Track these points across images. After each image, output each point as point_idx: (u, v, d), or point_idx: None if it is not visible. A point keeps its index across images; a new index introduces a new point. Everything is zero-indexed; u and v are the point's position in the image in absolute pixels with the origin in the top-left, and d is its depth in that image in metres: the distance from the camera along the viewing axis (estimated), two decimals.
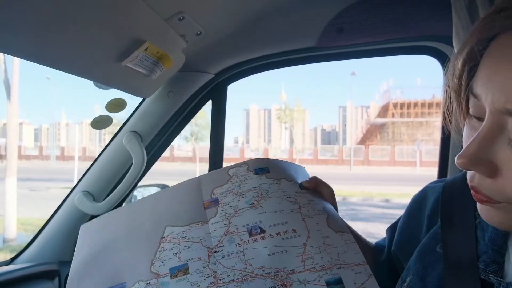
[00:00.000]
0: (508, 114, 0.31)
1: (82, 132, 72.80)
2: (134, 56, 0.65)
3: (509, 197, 0.33)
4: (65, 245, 0.96)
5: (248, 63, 0.96)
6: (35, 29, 0.49)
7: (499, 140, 0.33)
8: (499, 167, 0.33)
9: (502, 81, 0.31)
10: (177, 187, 0.62)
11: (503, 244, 0.41)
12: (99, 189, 0.96)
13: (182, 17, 0.71)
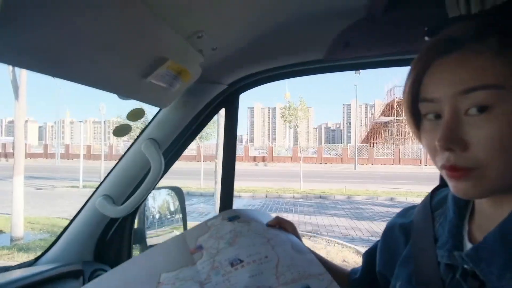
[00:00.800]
0: (461, 94, 0.43)
1: (87, 130, 73.02)
2: (158, 73, 0.71)
3: (480, 161, 0.43)
4: (87, 246, 1.02)
5: (259, 74, 1.01)
6: (78, 54, 0.54)
7: (461, 120, 0.44)
8: (468, 140, 0.43)
9: (449, 76, 0.45)
10: (166, 243, 0.75)
11: (458, 233, 0.52)
12: (118, 193, 1.02)
13: (201, 35, 0.77)
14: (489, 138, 0.42)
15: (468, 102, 0.43)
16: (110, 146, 36.74)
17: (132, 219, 1.13)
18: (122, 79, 0.69)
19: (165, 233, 1.36)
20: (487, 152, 0.42)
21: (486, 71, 0.42)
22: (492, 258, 0.44)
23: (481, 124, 0.43)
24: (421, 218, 0.60)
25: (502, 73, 0.42)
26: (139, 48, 0.65)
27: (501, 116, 0.42)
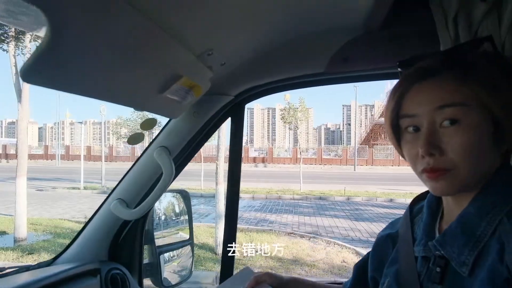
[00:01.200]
0: (437, 110, 0.54)
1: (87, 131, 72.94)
2: (173, 88, 0.78)
3: (454, 163, 0.53)
4: (103, 246, 1.09)
5: (263, 86, 1.08)
6: (102, 73, 0.61)
7: (437, 131, 0.54)
8: (444, 147, 0.54)
9: (427, 96, 0.56)
10: None
11: (431, 230, 0.62)
12: (132, 197, 1.08)
13: (211, 52, 0.83)
14: (460, 144, 0.53)
15: (442, 116, 0.54)
16: (110, 147, 36.82)
17: (144, 221, 1.19)
18: (141, 95, 0.76)
19: (171, 234, 1.43)
20: (459, 156, 0.53)
21: (455, 93, 0.54)
22: (454, 241, 0.55)
23: (453, 133, 0.53)
24: (403, 226, 0.70)
25: (466, 94, 0.53)
26: (157, 67, 0.72)
27: (468, 127, 0.53)
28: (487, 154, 0.55)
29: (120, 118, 17.49)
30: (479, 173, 0.55)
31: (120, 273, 1.06)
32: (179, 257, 1.44)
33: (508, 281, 0.47)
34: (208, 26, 0.77)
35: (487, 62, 0.56)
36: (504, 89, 0.54)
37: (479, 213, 0.54)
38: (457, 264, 0.54)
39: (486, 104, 0.53)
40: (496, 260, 0.50)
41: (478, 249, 0.53)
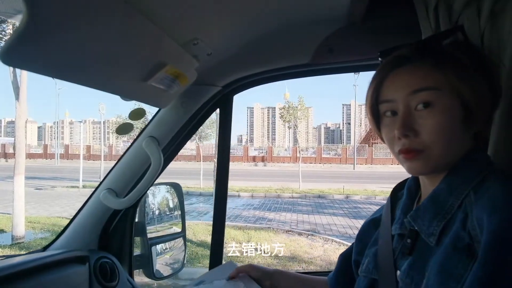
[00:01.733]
0: (411, 94, 0.57)
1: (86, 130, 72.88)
2: (157, 76, 0.79)
3: (427, 144, 0.57)
4: (92, 235, 1.10)
5: (251, 77, 1.09)
6: (89, 62, 0.63)
7: (412, 114, 0.58)
8: (418, 129, 0.57)
9: (403, 82, 0.59)
10: None
11: (408, 210, 0.65)
12: (121, 187, 1.10)
13: (196, 42, 0.85)
14: (433, 126, 0.56)
15: (416, 100, 0.58)
16: (109, 146, 36.81)
17: (133, 212, 1.21)
18: (126, 82, 0.77)
19: (164, 229, 1.44)
20: (432, 137, 0.57)
21: (427, 78, 0.57)
22: (425, 214, 0.59)
23: (426, 116, 0.57)
24: (386, 209, 0.74)
25: (438, 80, 0.57)
26: (141, 55, 0.73)
27: (440, 110, 0.56)
28: (458, 136, 0.58)
29: (120, 117, 17.48)
30: (451, 154, 0.58)
31: (110, 262, 1.08)
32: (171, 249, 1.46)
33: (469, 246, 0.50)
34: (193, 15, 0.78)
35: (457, 50, 0.59)
36: (472, 75, 0.57)
37: (449, 189, 0.58)
38: (425, 235, 0.57)
39: (456, 89, 0.56)
40: (459, 227, 0.53)
41: (445, 220, 0.56)
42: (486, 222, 0.49)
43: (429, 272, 0.54)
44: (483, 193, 0.54)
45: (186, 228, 1.46)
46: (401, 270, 0.60)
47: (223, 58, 1.00)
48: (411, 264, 0.59)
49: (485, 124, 0.62)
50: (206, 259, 5.48)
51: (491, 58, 0.62)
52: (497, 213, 0.48)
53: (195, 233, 6.55)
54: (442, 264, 0.52)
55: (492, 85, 0.59)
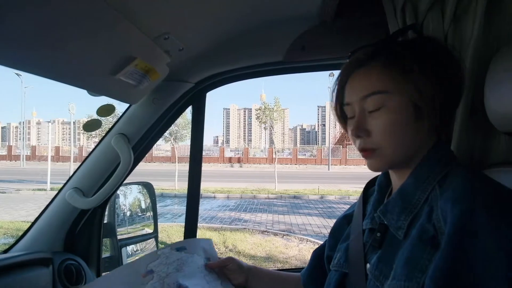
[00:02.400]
0: (364, 98, 0.60)
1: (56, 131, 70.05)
2: (126, 70, 0.77)
3: (379, 144, 0.60)
4: (57, 237, 1.06)
5: (225, 74, 1.08)
6: (45, 47, 0.59)
7: (366, 116, 0.61)
8: (370, 130, 0.60)
9: (357, 86, 0.62)
10: (117, 270, 0.84)
11: (379, 205, 0.66)
12: (88, 186, 1.06)
13: (167, 36, 0.83)
14: (382, 127, 0.59)
15: (368, 103, 0.60)
16: (80, 148, 35.55)
17: (102, 212, 1.17)
18: (90, 75, 0.74)
19: (136, 230, 1.40)
20: (382, 137, 0.59)
21: (376, 82, 0.60)
22: (394, 209, 0.61)
23: (377, 117, 0.60)
24: (358, 205, 0.76)
25: (386, 82, 0.59)
26: (107, 47, 0.71)
27: (389, 112, 0.59)
28: (411, 134, 0.60)
29: (91, 117, 16.92)
30: (406, 151, 0.60)
31: (76, 264, 1.04)
32: (142, 251, 1.42)
33: (434, 238, 0.52)
34: (164, 9, 0.76)
35: (406, 49, 0.60)
36: (418, 74, 0.58)
37: (415, 183, 0.60)
38: (394, 229, 0.59)
39: (403, 89, 0.58)
40: (425, 220, 0.55)
41: (412, 214, 0.58)
42: (449, 214, 0.50)
43: (396, 264, 0.55)
44: (447, 187, 0.55)
45: (160, 230, 1.43)
46: (371, 263, 0.61)
47: (196, 54, 0.98)
48: (380, 257, 0.60)
49: (445, 121, 0.62)
50: None
51: (451, 56, 0.62)
52: (459, 204, 0.50)
53: (169, 235, 6.43)
54: (408, 255, 0.53)
55: (450, 83, 0.60)
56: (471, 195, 0.51)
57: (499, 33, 0.84)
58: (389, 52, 0.61)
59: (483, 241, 0.46)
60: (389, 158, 0.61)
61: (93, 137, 20.57)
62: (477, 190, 0.51)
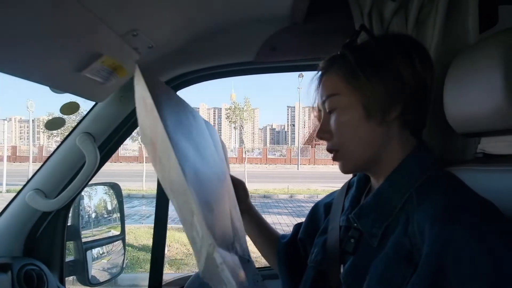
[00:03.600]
0: (323, 102, 0.64)
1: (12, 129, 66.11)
2: (92, 67, 0.74)
3: (339, 145, 0.62)
4: (16, 241, 1.00)
5: (195, 73, 1.07)
6: (5, 42, 0.56)
7: (328, 119, 0.64)
8: (332, 131, 0.63)
9: (319, 91, 0.65)
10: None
11: (356, 203, 0.68)
12: (51, 187, 1.01)
13: (136, 33, 0.81)
14: (338, 127, 0.62)
15: (327, 106, 0.63)
16: (40, 147, 33.74)
17: (65, 214, 1.12)
18: (54, 71, 0.71)
19: (102, 232, 1.35)
20: (340, 137, 0.62)
21: (329, 86, 0.63)
22: (368, 214, 0.60)
23: (334, 118, 0.62)
24: (338, 196, 0.76)
25: (337, 86, 0.62)
26: (72, 43, 0.68)
27: (341, 113, 0.62)
28: (366, 134, 0.60)
29: (52, 115, 16.10)
30: (367, 151, 0.61)
31: (37, 269, 0.98)
32: (109, 253, 1.38)
33: (410, 253, 0.50)
34: (132, 5, 0.74)
35: (352, 52, 0.62)
36: (363, 76, 0.59)
37: (391, 189, 0.58)
38: (368, 235, 0.58)
39: (351, 91, 0.60)
40: (401, 232, 0.53)
41: (387, 222, 0.56)
42: (427, 232, 0.48)
43: (370, 278, 0.53)
44: (425, 198, 0.53)
45: (127, 232, 1.40)
46: (344, 268, 0.60)
47: (166, 52, 0.97)
48: (353, 263, 0.59)
49: (410, 122, 0.61)
50: (148, 263, 5.27)
51: (406, 54, 0.60)
52: (437, 225, 0.48)
53: (136, 237, 6.26)
54: (383, 273, 0.52)
55: (400, 83, 0.58)
56: (450, 214, 0.48)
57: (456, 40, 0.90)
58: (342, 57, 0.63)
59: (462, 265, 0.44)
60: (351, 159, 0.62)
61: (55, 136, 19.60)
62: (456, 208, 0.49)
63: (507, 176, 0.60)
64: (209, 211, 0.46)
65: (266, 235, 0.90)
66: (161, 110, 0.45)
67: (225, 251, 0.47)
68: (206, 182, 0.51)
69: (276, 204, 10.67)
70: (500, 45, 0.61)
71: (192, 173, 0.46)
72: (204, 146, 0.58)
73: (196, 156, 0.52)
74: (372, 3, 0.88)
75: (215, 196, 0.53)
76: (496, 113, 0.62)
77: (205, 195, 0.48)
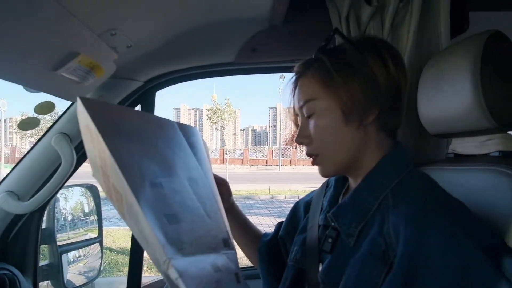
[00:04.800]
0: (301, 107, 0.64)
1: None
2: (69, 66, 0.73)
3: (319, 150, 0.63)
4: None
5: (175, 73, 1.07)
6: None
7: (306, 124, 0.64)
8: (312, 136, 0.63)
9: (297, 95, 0.65)
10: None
11: (334, 202, 0.69)
12: (24, 189, 0.98)
13: (114, 32, 0.80)
14: (316, 132, 0.62)
15: (305, 111, 0.63)
16: (12, 148, 32.46)
17: (39, 217, 1.08)
18: (29, 70, 0.69)
19: (78, 235, 1.32)
20: (319, 142, 0.62)
21: (306, 91, 0.63)
22: (346, 214, 0.60)
23: (312, 124, 0.63)
24: (317, 195, 0.76)
25: (314, 90, 0.62)
26: (48, 41, 0.66)
27: (319, 117, 0.62)
28: (345, 137, 0.60)
29: (25, 115, 15.54)
30: (347, 154, 0.61)
31: (9, 274, 0.95)
32: (86, 257, 1.35)
33: (384, 253, 0.51)
34: (110, 4, 0.73)
35: (328, 56, 0.61)
36: (339, 80, 0.59)
37: (368, 189, 0.59)
38: (345, 235, 0.59)
39: (328, 95, 0.60)
40: (376, 232, 0.54)
41: (364, 222, 0.57)
42: (402, 233, 0.49)
43: (346, 277, 0.54)
44: (400, 199, 0.55)
45: (105, 235, 1.37)
46: (322, 268, 0.61)
47: (145, 52, 0.95)
48: (330, 263, 0.60)
49: (386, 123, 0.62)
50: (126, 266, 5.16)
51: (380, 57, 0.60)
52: (412, 225, 0.49)
53: (114, 240, 6.13)
54: (359, 271, 0.53)
55: (375, 86, 0.59)
56: (424, 215, 0.50)
57: (429, 44, 0.93)
58: (317, 61, 0.63)
59: (435, 264, 0.46)
60: (331, 163, 0.63)
61: (28, 136, 18.91)
62: (429, 209, 0.51)
63: (474, 175, 0.63)
64: (172, 223, 0.46)
65: (248, 233, 0.90)
66: (108, 133, 0.45)
67: (204, 255, 0.48)
68: (171, 194, 0.50)
69: (257, 205, 10.68)
70: (469, 50, 0.64)
71: (148, 192, 0.45)
72: (174, 156, 0.56)
73: (160, 169, 0.50)
74: (350, 7, 0.91)
75: (189, 203, 0.52)
76: (465, 115, 0.65)
77: (168, 208, 0.47)
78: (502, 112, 0.61)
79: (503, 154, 0.64)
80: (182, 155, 0.59)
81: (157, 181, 0.48)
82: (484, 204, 0.57)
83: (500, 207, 0.55)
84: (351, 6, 0.91)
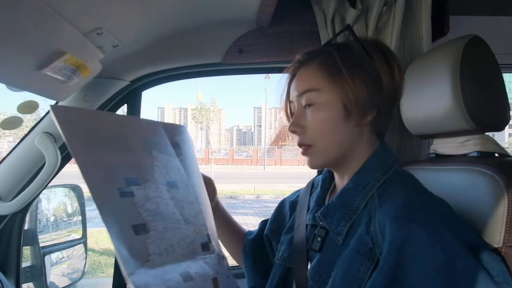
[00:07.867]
0: (300, 96, 0.63)
1: None
2: (54, 65, 0.72)
3: (313, 140, 0.63)
4: None
5: (161, 73, 1.06)
6: None
7: (303, 113, 0.64)
8: (305, 126, 0.63)
9: (296, 85, 0.65)
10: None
11: (321, 201, 0.70)
12: (6, 189, 0.96)
13: (100, 32, 0.79)
14: (314, 122, 0.62)
15: (303, 100, 0.63)
16: None
17: (22, 218, 1.06)
18: (13, 69, 0.68)
19: (61, 236, 1.30)
20: (314, 132, 0.62)
21: (309, 81, 0.63)
22: (334, 213, 0.61)
23: (310, 114, 0.63)
24: (303, 195, 0.77)
25: (317, 81, 0.62)
26: (33, 39, 0.66)
27: (320, 108, 0.62)
28: (342, 132, 0.61)
29: (4, 114, 15.07)
30: (340, 149, 0.62)
31: None
32: (69, 258, 1.32)
33: (371, 251, 0.53)
34: (96, 3, 0.73)
35: (336, 50, 0.63)
36: (346, 76, 0.60)
37: (355, 188, 0.61)
38: (333, 234, 0.60)
39: (332, 89, 0.61)
40: (363, 231, 0.55)
41: (351, 220, 0.59)
42: (388, 230, 0.51)
43: (335, 274, 0.55)
44: (386, 198, 0.56)
45: (88, 236, 1.35)
46: (311, 265, 0.62)
47: (132, 51, 0.95)
48: (319, 261, 0.61)
49: (380, 124, 0.64)
50: (110, 268, 5.08)
51: (385, 58, 0.62)
52: (397, 222, 0.51)
53: (98, 241, 6.02)
54: (347, 268, 0.54)
55: (378, 86, 0.60)
56: (408, 213, 0.51)
57: (411, 47, 0.96)
58: (325, 53, 0.63)
59: (419, 260, 0.47)
60: (322, 155, 0.63)
61: (7, 136, 18.35)
62: (413, 207, 0.52)
63: (455, 174, 0.65)
64: (139, 233, 0.46)
65: (233, 232, 0.90)
66: (76, 144, 0.45)
67: (174, 264, 0.48)
68: (143, 202, 0.49)
69: (242, 205, 10.68)
70: (449, 54, 0.66)
71: (116, 202, 0.45)
72: (152, 160, 0.55)
73: (134, 177, 0.50)
74: (335, 10, 0.93)
75: (164, 209, 0.52)
76: (446, 116, 0.67)
77: (137, 218, 0.47)
78: (480, 114, 0.64)
79: (481, 154, 0.67)
80: (163, 158, 0.58)
81: (127, 190, 0.48)
82: (464, 202, 0.60)
83: (478, 205, 0.58)
84: (336, 9, 0.93)
